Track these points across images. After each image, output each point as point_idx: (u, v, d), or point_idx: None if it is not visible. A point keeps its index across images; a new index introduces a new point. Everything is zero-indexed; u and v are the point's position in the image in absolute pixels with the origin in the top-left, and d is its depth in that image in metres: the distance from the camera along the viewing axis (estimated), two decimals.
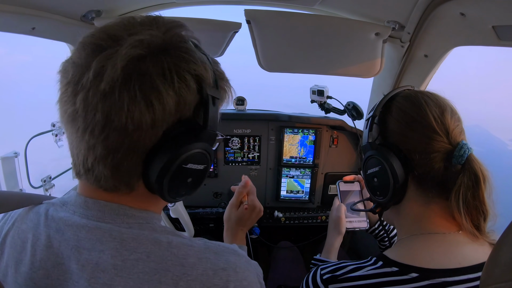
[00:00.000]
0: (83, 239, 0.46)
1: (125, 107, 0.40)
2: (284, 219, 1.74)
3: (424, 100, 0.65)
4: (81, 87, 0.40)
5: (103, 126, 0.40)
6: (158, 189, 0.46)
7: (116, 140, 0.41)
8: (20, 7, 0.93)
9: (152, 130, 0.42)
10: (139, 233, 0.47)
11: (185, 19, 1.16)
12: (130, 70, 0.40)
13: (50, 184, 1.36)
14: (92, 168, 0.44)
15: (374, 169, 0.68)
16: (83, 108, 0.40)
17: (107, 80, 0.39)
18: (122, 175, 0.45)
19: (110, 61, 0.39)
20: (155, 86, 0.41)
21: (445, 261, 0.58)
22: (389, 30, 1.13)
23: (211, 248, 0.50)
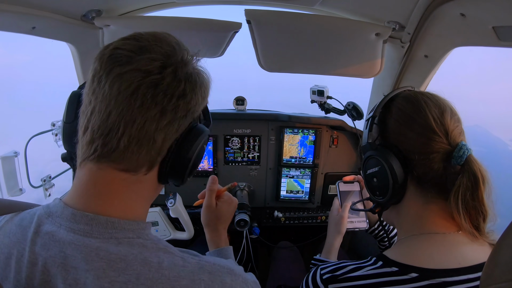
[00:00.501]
0: (69, 256, 0.44)
1: (197, 88, 0.51)
2: (284, 219, 1.74)
3: (423, 100, 0.65)
4: (171, 63, 0.49)
5: (180, 96, 0.48)
6: (183, 165, 0.52)
7: (181, 111, 0.49)
8: (20, 6, 0.93)
9: (193, 115, 0.52)
10: (127, 252, 0.45)
11: (185, 19, 1.17)
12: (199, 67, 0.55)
13: (50, 184, 1.36)
14: (144, 136, 0.46)
15: (374, 169, 0.68)
16: (171, 77, 0.48)
17: (190, 66, 0.52)
18: (161, 150, 0.49)
19: (189, 54, 0.54)
20: (207, 80, 0.55)
21: (445, 261, 0.58)
22: (389, 30, 1.13)
23: (205, 268, 0.49)
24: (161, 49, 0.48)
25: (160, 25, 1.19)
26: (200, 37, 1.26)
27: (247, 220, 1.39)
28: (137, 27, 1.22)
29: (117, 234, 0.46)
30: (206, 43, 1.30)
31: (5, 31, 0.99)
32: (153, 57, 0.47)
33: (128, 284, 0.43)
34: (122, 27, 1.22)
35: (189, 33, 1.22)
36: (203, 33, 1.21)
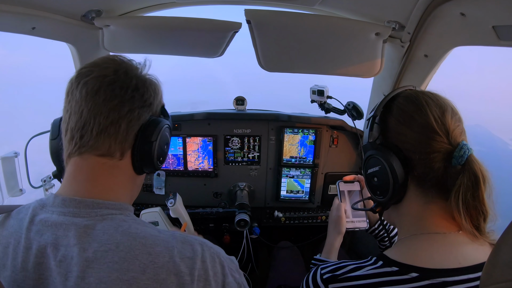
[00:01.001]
0: (60, 237, 0.51)
1: (146, 85, 0.63)
2: (284, 219, 1.74)
3: (424, 100, 0.65)
4: (121, 68, 0.61)
5: (134, 89, 0.59)
6: (149, 151, 0.61)
7: (137, 102, 0.60)
8: (20, 7, 0.93)
9: (149, 108, 0.63)
10: (110, 225, 0.53)
11: (185, 19, 1.17)
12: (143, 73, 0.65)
13: (50, 184, 1.36)
14: (111, 124, 0.56)
15: (374, 169, 0.68)
16: (124, 76, 0.60)
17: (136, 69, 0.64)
18: (127, 135, 0.59)
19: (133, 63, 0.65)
20: (155, 82, 0.67)
21: (445, 261, 0.58)
22: (389, 30, 1.13)
23: (178, 238, 0.55)
24: (112, 61, 0.62)
25: (160, 25, 1.19)
26: (200, 37, 1.25)
27: (247, 220, 1.39)
28: (137, 27, 1.22)
29: (101, 212, 0.54)
30: (206, 43, 1.30)
31: (5, 32, 0.99)
32: (107, 66, 0.60)
33: (109, 252, 0.49)
34: (122, 27, 1.22)
35: (189, 33, 1.22)
36: (203, 33, 1.21)
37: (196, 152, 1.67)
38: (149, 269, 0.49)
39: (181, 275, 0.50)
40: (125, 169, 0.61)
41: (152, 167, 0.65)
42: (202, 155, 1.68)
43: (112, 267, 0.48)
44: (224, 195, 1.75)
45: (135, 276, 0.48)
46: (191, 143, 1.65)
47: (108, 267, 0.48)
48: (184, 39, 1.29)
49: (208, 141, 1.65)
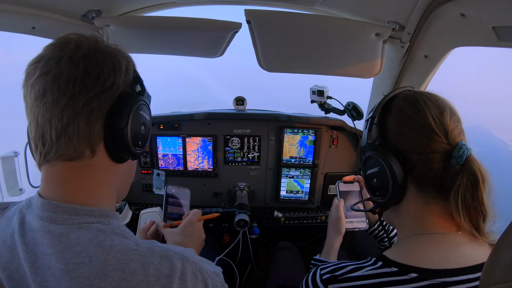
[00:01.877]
0: (39, 243, 0.49)
1: (100, 64, 0.52)
2: (284, 219, 1.74)
3: (423, 100, 0.65)
4: (64, 55, 0.51)
5: (83, 76, 0.50)
6: (121, 138, 0.54)
7: (91, 91, 0.51)
8: (20, 6, 0.93)
9: (112, 89, 0.54)
10: (85, 236, 0.49)
11: (185, 19, 1.17)
12: (100, 44, 0.55)
13: None
14: (67, 126, 0.50)
15: (374, 170, 0.68)
16: (67, 65, 0.50)
17: (86, 47, 0.53)
18: (91, 131, 0.52)
19: (85, 40, 0.55)
20: (115, 55, 0.56)
21: (444, 262, 0.58)
22: (389, 30, 1.13)
23: (156, 252, 0.50)
24: (54, 47, 0.53)
25: (160, 25, 1.19)
26: (200, 37, 1.25)
27: (247, 220, 1.39)
28: (137, 27, 1.22)
29: (79, 219, 0.51)
30: (206, 43, 1.30)
31: (5, 31, 0.99)
32: (50, 57, 0.51)
33: (81, 265, 0.47)
34: (122, 27, 1.22)
35: (189, 33, 1.22)
36: (203, 33, 1.21)
37: (196, 152, 1.67)
38: (122, 284, 0.46)
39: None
40: (101, 165, 0.55)
41: (131, 154, 0.59)
42: (202, 155, 1.68)
43: (83, 282, 0.46)
44: (224, 195, 1.75)
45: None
46: (191, 143, 1.65)
47: (79, 282, 0.46)
48: (184, 39, 1.29)
49: (208, 141, 1.65)
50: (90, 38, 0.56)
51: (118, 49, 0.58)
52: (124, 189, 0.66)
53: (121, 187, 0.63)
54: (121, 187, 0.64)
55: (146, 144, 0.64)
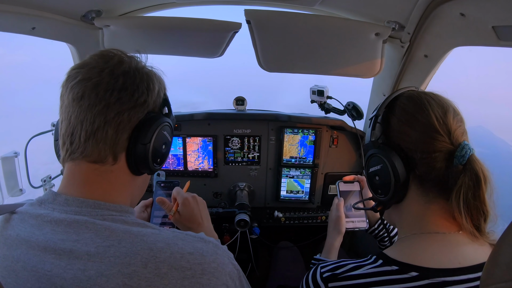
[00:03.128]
0: (59, 232, 0.52)
1: (137, 82, 0.59)
2: (284, 219, 1.74)
3: (427, 100, 0.65)
4: (107, 67, 0.57)
5: (120, 89, 0.57)
6: (143, 153, 0.59)
7: (125, 104, 0.57)
8: (20, 7, 0.93)
9: (142, 107, 0.60)
10: (111, 224, 0.54)
11: (185, 19, 1.17)
12: (139, 65, 0.62)
13: (50, 184, 1.36)
14: (97, 130, 0.55)
15: (376, 168, 0.68)
16: (109, 76, 0.56)
17: (126, 64, 0.59)
18: (118, 138, 0.57)
19: (127, 57, 0.61)
20: (151, 77, 0.63)
21: (445, 261, 0.58)
22: (389, 30, 1.13)
23: (178, 236, 0.56)
24: (99, 58, 0.59)
25: (160, 25, 1.19)
26: (200, 37, 1.25)
27: (247, 220, 1.39)
28: (137, 27, 1.22)
29: (102, 212, 0.56)
30: (206, 43, 1.30)
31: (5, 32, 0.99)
32: (94, 66, 0.57)
33: (111, 247, 0.51)
34: (122, 27, 1.22)
35: (189, 33, 1.22)
36: (203, 33, 1.21)
37: (196, 152, 1.67)
38: (151, 263, 0.50)
39: (182, 270, 0.51)
40: (120, 173, 0.60)
41: (149, 169, 0.64)
42: (202, 155, 1.68)
43: (113, 261, 0.49)
44: (224, 195, 1.75)
45: (136, 270, 0.49)
46: (191, 143, 1.65)
47: (110, 261, 0.50)
48: (184, 39, 1.29)
49: (208, 141, 1.65)
50: (131, 57, 0.62)
51: (155, 73, 0.64)
52: (134, 200, 0.69)
53: (132, 197, 0.67)
54: (133, 198, 0.68)
55: (164, 163, 0.69)
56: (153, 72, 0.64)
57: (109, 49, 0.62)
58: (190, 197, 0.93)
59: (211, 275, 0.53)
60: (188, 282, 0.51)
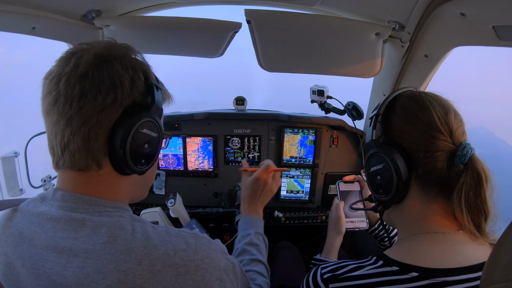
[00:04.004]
0: (60, 230, 0.53)
1: (96, 84, 0.53)
2: (284, 219, 1.74)
3: (428, 100, 0.65)
4: (63, 74, 0.53)
5: (79, 98, 0.52)
6: (122, 156, 0.55)
7: (88, 111, 0.52)
8: (20, 6, 0.93)
9: (113, 106, 0.54)
10: (108, 220, 0.54)
11: (185, 19, 1.17)
12: (99, 59, 0.54)
13: (50, 184, 1.36)
14: (68, 143, 0.53)
15: (378, 167, 0.68)
16: (65, 87, 0.52)
17: (83, 65, 0.53)
18: (92, 147, 0.54)
19: (84, 55, 0.54)
20: (117, 71, 0.54)
21: (445, 261, 0.58)
22: (389, 30, 1.13)
23: (172, 233, 0.57)
24: (60, 63, 0.55)
25: (160, 25, 1.19)
26: (200, 37, 1.25)
27: None
28: (137, 27, 1.22)
29: (99, 209, 0.56)
30: (206, 43, 1.30)
31: (5, 32, 0.99)
32: (52, 76, 0.54)
33: (107, 245, 0.51)
34: (122, 27, 1.22)
35: (189, 33, 1.22)
36: (203, 33, 1.21)
37: (196, 152, 1.67)
38: (145, 260, 0.51)
39: (176, 267, 0.52)
40: (109, 176, 0.58)
41: (135, 172, 0.59)
42: (202, 155, 1.68)
43: (110, 258, 0.50)
44: (224, 195, 1.75)
45: (131, 267, 0.50)
46: (191, 143, 1.65)
47: (106, 258, 0.50)
48: (184, 39, 1.29)
49: (208, 141, 1.65)
50: (92, 51, 0.55)
51: (122, 63, 0.56)
52: (138, 194, 0.68)
53: (132, 193, 0.65)
54: (133, 193, 0.66)
55: (152, 162, 0.63)
56: (126, 59, 0.57)
57: (77, 45, 0.57)
58: (267, 179, 1.00)
59: (204, 271, 0.55)
60: (182, 278, 0.52)
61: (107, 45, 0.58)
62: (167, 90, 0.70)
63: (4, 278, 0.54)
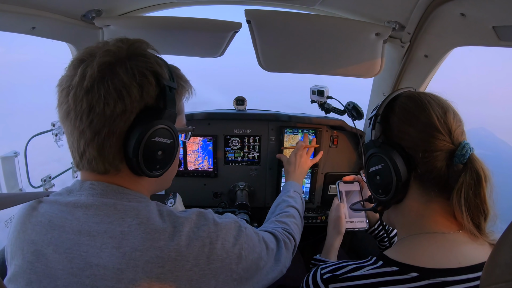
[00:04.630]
0: (92, 216, 0.56)
1: (103, 98, 0.54)
2: None
3: (427, 100, 0.66)
4: (71, 87, 0.55)
5: (88, 113, 0.54)
6: (136, 164, 0.57)
7: (99, 124, 0.54)
8: (20, 6, 0.93)
9: (124, 115, 0.55)
10: (137, 205, 0.59)
11: (185, 19, 1.17)
12: (103, 70, 0.54)
13: (50, 184, 1.36)
14: (84, 152, 0.56)
15: (377, 167, 0.68)
16: (73, 102, 0.54)
17: (88, 79, 0.54)
18: (107, 155, 0.56)
19: (89, 66, 0.54)
20: (122, 80, 0.55)
21: (445, 261, 0.58)
22: (389, 30, 1.13)
23: (193, 211, 0.64)
24: (70, 70, 0.57)
25: (160, 25, 1.19)
26: (200, 37, 1.25)
27: (248, 220, 1.39)
28: (137, 27, 1.22)
29: (127, 196, 0.60)
30: (206, 43, 1.30)
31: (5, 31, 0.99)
32: (63, 88, 0.56)
33: (141, 225, 0.56)
34: (122, 27, 1.22)
35: (189, 33, 1.22)
36: (203, 33, 1.21)
37: (196, 152, 1.67)
38: (176, 236, 0.57)
39: (201, 239, 0.59)
40: (129, 177, 0.61)
41: (141, 172, 0.60)
42: (202, 155, 1.68)
43: (145, 237, 0.55)
44: (224, 195, 1.75)
45: (166, 243, 0.56)
46: (191, 143, 1.65)
47: (142, 237, 0.55)
48: (184, 39, 1.29)
49: (208, 141, 1.65)
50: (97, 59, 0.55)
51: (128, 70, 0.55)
52: (160, 188, 0.73)
53: (153, 189, 0.70)
54: (155, 189, 0.71)
55: (168, 166, 0.65)
56: (133, 64, 0.56)
57: (86, 50, 0.58)
58: (302, 154, 1.35)
59: (223, 239, 0.62)
60: (207, 248, 0.59)
61: (115, 48, 0.57)
62: (188, 81, 0.71)
63: (30, 266, 0.55)
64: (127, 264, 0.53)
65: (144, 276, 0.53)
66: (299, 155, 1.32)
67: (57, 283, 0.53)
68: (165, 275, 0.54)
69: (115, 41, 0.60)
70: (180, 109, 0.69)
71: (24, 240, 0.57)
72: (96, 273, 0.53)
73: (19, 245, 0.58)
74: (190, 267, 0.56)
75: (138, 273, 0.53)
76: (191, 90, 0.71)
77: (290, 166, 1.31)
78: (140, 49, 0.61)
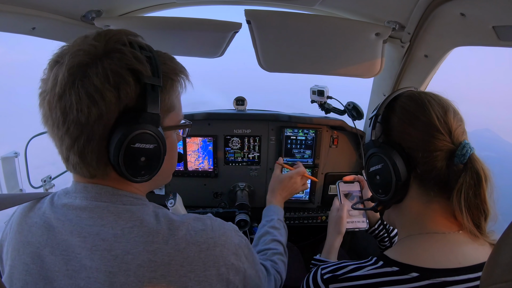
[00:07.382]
0: (85, 219, 0.55)
1: (75, 104, 0.50)
2: (284, 219, 1.74)
3: (427, 100, 0.65)
4: (46, 93, 0.52)
5: (63, 120, 0.51)
6: (119, 170, 0.54)
7: (76, 131, 0.51)
8: (20, 7, 0.93)
9: (101, 120, 0.51)
10: (132, 208, 0.57)
11: (185, 19, 1.17)
12: (74, 73, 0.50)
13: (50, 184, 1.36)
14: (68, 157, 0.54)
15: (377, 167, 0.68)
16: (49, 109, 0.52)
17: (59, 84, 0.50)
18: (90, 161, 0.53)
19: (60, 70, 0.50)
20: (94, 84, 0.50)
21: (445, 261, 0.58)
22: (389, 30, 1.13)
23: (190, 216, 0.62)
24: (43, 81, 0.54)
25: (160, 25, 1.19)
26: (200, 37, 1.25)
27: (247, 220, 1.39)
28: (137, 27, 1.22)
29: (121, 198, 0.58)
30: (206, 43, 1.30)
31: (5, 32, 0.99)
32: (40, 91, 0.54)
33: (134, 228, 0.54)
34: (122, 28, 1.22)
35: (189, 33, 1.22)
36: (203, 33, 1.21)
37: (196, 152, 1.67)
38: (171, 240, 0.55)
39: (198, 244, 0.57)
40: (117, 180, 0.58)
41: (125, 177, 0.55)
42: (202, 155, 1.68)
43: (138, 240, 0.53)
44: (224, 195, 1.75)
45: (159, 247, 0.54)
46: (191, 143, 1.65)
47: (135, 240, 0.53)
48: (184, 39, 1.29)
49: (208, 141, 1.65)
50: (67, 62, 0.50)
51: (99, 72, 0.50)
52: (156, 185, 0.70)
53: (148, 189, 0.67)
54: (151, 187, 0.68)
55: (155, 171, 0.59)
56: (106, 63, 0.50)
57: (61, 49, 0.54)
58: (298, 180, 1.18)
59: (222, 246, 0.59)
60: (204, 254, 0.57)
61: (87, 47, 0.52)
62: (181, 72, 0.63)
63: (26, 268, 0.54)
64: (118, 267, 0.52)
65: (135, 280, 0.51)
66: (293, 181, 1.15)
67: (53, 285, 0.53)
68: (158, 280, 0.52)
69: (93, 36, 0.54)
70: (172, 105, 0.62)
71: (20, 241, 0.57)
72: (90, 276, 0.52)
73: (15, 246, 0.57)
74: (184, 272, 0.54)
75: (129, 277, 0.51)
76: (185, 81, 0.64)
77: (279, 185, 1.15)
78: (118, 43, 0.53)
